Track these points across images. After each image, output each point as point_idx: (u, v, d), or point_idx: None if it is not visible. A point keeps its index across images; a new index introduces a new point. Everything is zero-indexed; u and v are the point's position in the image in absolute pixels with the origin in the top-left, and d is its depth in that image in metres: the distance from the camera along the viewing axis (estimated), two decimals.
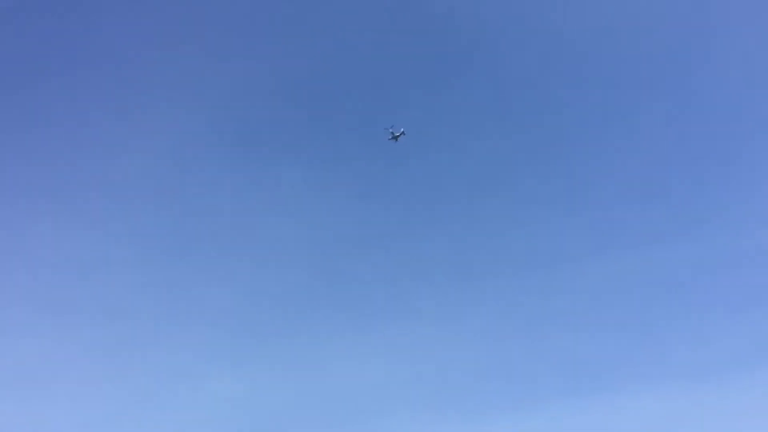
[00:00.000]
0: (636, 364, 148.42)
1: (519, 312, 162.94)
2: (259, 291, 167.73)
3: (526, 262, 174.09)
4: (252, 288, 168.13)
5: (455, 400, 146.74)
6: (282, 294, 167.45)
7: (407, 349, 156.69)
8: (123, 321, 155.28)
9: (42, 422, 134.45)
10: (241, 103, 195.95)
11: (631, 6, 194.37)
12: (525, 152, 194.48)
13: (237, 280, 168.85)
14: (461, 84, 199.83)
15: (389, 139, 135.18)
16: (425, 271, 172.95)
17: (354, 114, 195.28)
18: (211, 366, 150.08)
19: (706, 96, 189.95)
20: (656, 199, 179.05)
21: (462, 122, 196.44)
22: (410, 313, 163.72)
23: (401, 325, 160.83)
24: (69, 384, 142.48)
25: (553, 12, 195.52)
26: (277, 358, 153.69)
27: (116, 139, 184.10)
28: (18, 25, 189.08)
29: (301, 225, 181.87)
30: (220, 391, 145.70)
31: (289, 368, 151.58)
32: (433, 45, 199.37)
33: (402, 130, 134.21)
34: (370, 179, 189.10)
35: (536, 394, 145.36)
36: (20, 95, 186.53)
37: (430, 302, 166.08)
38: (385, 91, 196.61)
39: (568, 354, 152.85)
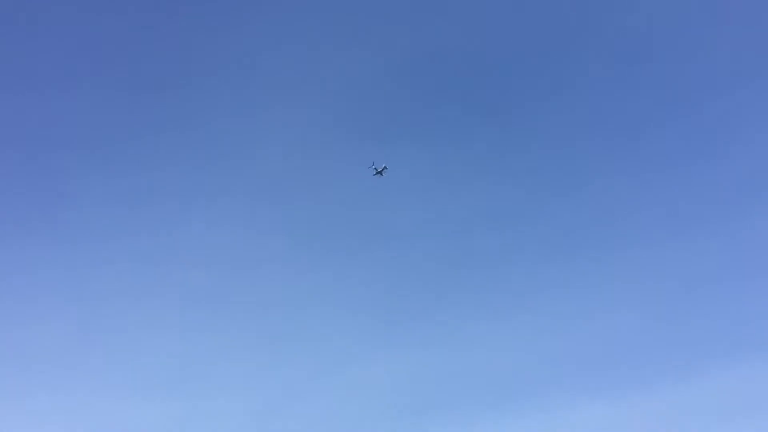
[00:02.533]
0: None
1: (666, 281, 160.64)
2: (400, 276, 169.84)
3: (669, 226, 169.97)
4: (393, 274, 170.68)
5: (605, 376, 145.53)
6: (422, 277, 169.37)
7: (553, 325, 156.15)
8: (279, 312, 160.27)
9: (209, 414, 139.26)
10: (356, 93, 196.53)
11: None
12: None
13: (379, 267, 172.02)
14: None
15: (373, 175, 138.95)
16: (559, 246, 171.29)
17: (466, 95, 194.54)
18: (364, 350, 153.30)
19: None
20: None
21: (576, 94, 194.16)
22: (547, 289, 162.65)
23: (542, 301, 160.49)
24: (232, 374, 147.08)
25: None
26: (425, 340, 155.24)
27: (244, 139, 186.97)
28: (137, 36, 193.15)
29: (429, 209, 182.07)
30: (376, 374, 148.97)
31: (437, 349, 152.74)
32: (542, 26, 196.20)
33: (384, 165, 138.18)
34: (491, 158, 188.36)
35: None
36: (148, 105, 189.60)
37: (569, 278, 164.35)
38: (499, 72, 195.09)
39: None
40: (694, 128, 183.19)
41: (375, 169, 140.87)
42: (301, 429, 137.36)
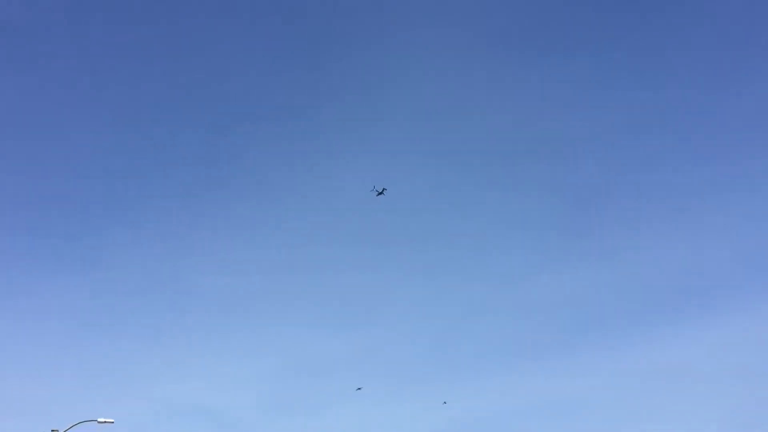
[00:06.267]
0: None
1: None
2: (561, 189, 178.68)
3: None
4: (556, 186, 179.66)
5: None
6: (581, 189, 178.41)
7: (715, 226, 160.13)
8: (456, 235, 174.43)
9: (395, 339, 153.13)
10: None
11: None
12: None
13: (542, 180, 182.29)
14: None
15: (376, 196, 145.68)
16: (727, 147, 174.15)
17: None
18: (533, 266, 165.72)
19: None
20: None
21: None
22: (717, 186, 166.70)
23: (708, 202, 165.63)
24: (411, 301, 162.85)
25: None
26: (589, 253, 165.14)
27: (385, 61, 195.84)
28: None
29: (586, 117, 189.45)
30: (544, 287, 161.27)
31: (603, 262, 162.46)
32: None
33: (383, 187, 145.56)
34: (646, 65, 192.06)
35: None
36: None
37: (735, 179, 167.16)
38: None
39: None
40: None
41: (376, 191, 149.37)
42: (476, 347, 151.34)
